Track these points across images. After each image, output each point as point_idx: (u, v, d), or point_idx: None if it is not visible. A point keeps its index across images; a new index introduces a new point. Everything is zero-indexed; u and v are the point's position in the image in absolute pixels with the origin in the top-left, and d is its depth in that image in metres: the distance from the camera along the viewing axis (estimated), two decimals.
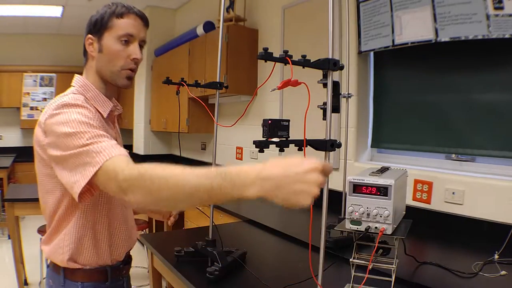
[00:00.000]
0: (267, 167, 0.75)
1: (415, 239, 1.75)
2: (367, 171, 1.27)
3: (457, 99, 2.01)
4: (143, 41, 1.13)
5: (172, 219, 1.39)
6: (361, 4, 2.30)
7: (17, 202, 2.81)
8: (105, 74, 1.11)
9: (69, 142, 0.92)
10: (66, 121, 0.95)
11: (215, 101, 1.57)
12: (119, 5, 1.09)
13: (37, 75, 5.85)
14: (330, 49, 0.94)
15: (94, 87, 1.11)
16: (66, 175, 0.93)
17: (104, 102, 1.12)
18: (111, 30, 1.08)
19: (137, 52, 1.10)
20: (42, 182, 1.08)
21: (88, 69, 1.14)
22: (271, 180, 0.74)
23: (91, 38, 1.10)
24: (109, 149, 0.90)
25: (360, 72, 2.40)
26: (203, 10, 4.27)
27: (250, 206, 2.75)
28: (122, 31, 1.08)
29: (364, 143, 2.48)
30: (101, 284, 1.12)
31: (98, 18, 1.09)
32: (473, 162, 1.97)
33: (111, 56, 1.09)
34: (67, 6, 4.68)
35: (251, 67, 3.33)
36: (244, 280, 1.38)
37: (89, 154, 0.89)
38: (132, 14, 1.09)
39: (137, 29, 1.10)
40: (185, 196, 0.81)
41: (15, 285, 2.97)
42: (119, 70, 1.10)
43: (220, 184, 0.76)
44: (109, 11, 1.08)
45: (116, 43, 1.08)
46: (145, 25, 1.13)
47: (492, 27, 1.70)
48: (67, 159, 0.93)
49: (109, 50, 1.08)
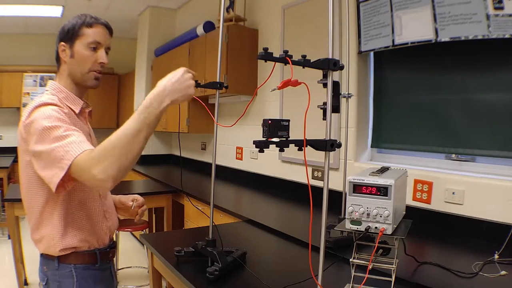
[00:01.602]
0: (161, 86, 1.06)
1: (415, 239, 1.75)
2: (367, 171, 1.27)
3: (457, 99, 2.01)
4: (108, 48, 1.29)
5: (137, 217, 1.48)
6: (361, 4, 2.30)
7: (17, 202, 2.80)
8: (76, 76, 1.26)
9: (49, 135, 1.05)
10: (45, 116, 1.08)
11: (215, 101, 1.57)
12: (88, 16, 1.25)
13: (37, 75, 5.85)
14: (330, 49, 0.94)
15: (66, 89, 1.26)
16: (46, 168, 1.06)
17: (74, 100, 1.27)
18: (82, 38, 1.23)
19: (103, 57, 1.26)
20: (29, 185, 1.18)
21: (61, 73, 1.28)
22: (170, 91, 1.06)
23: (63, 45, 1.25)
24: (80, 143, 1.04)
25: (360, 72, 2.40)
26: (203, 10, 4.27)
27: (250, 206, 2.75)
28: (91, 38, 1.23)
29: (364, 143, 2.48)
30: (91, 266, 1.26)
31: (70, 27, 1.24)
32: (473, 162, 1.97)
33: (81, 61, 1.24)
34: (67, 6, 4.68)
35: (251, 67, 3.33)
36: (244, 280, 1.38)
37: (64, 147, 1.03)
38: (100, 25, 1.26)
39: (104, 37, 1.27)
40: (132, 139, 1.01)
41: (15, 285, 2.97)
42: (88, 72, 1.26)
43: (148, 112, 1.03)
44: (79, 21, 1.24)
45: (86, 49, 1.24)
46: (110, 34, 1.30)
47: (492, 27, 1.70)
48: (48, 152, 1.05)
49: (80, 55, 1.24)
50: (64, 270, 1.21)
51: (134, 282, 3.37)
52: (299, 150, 0.90)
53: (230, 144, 3.71)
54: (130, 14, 5.10)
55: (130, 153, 1.01)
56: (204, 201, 2.73)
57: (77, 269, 1.22)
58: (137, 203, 1.49)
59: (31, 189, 1.18)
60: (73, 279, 1.21)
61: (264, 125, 0.88)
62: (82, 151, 1.02)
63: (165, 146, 5.18)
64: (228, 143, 3.74)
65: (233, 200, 2.99)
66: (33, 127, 1.08)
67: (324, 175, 0.95)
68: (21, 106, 5.76)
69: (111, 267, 1.37)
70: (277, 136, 0.88)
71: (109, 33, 1.30)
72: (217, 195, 2.81)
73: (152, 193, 3.25)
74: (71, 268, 1.21)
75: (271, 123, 0.88)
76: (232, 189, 3.28)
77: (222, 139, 3.73)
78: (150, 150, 5.03)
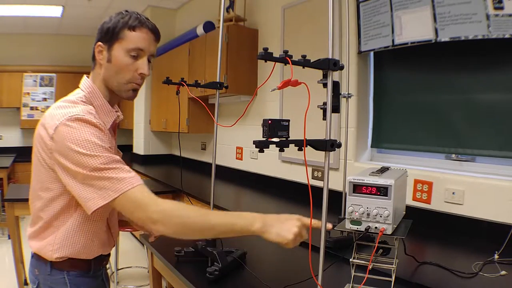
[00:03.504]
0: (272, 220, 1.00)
1: (415, 239, 1.75)
2: (367, 171, 1.27)
3: (457, 99, 2.01)
4: (152, 55, 1.14)
5: (152, 238, 1.38)
6: (361, 4, 2.30)
7: (17, 202, 2.81)
8: (111, 84, 1.13)
9: (83, 161, 0.97)
10: (79, 139, 0.97)
11: (215, 101, 1.57)
12: (132, 17, 1.10)
13: (37, 75, 5.85)
14: (330, 49, 0.94)
15: (101, 95, 1.13)
16: (79, 189, 0.99)
17: (108, 112, 1.14)
18: (122, 42, 1.08)
19: (145, 68, 1.11)
20: (40, 179, 1.09)
21: (96, 75, 1.15)
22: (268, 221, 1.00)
23: (101, 46, 1.11)
24: (130, 179, 0.99)
25: (360, 72, 2.40)
26: (203, 10, 4.27)
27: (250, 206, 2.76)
28: (133, 44, 1.08)
29: (364, 143, 2.48)
30: (84, 273, 1.17)
31: (110, 26, 1.09)
32: (473, 162, 1.97)
33: (119, 68, 1.10)
34: (67, 6, 4.67)
35: (251, 67, 3.33)
36: (244, 280, 1.38)
37: (109, 180, 0.97)
38: (145, 28, 1.10)
39: (148, 43, 1.11)
40: (211, 234, 1.05)
41: (15, 285, 2.97)
42: (125, 83, 1.12)
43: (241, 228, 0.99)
44: (122, 21, 1.09)
45: (125, 55, 1.09)
46: (156, 39, 1.14)
47: (492, 27, 1.70)
48: (79, 175, 0.97)
49: (118, 61, 1.09)
50: (57, 276, 1.13)
51: (134, 282, 3.37)
52: (299, 150, 0.90)
53: (230, 144, 3.71)
54: None
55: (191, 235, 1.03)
56: (204, 201, 2.73)
57: (70, 276, 1.14)
58: None
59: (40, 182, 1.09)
60: (66, 286, 1.13)
61: (264, 125, 0.88)
62: (133, 186, 0.98)
63: (165, 146, 5.17)
64: (228, 143, 3.73)
65: (233, 200, 2.99)
66: (64, 143, 0.98)
67: (324, 175, 0.95)
68: (21, 106, 5.76)
69: (103, 273, 1.29)
70: (277, 136, 0.88)
71: (155, 38, 1.14)
72: (217, 195, 2.80)
73: None
74: (64, 275, 1.13)
75: (271, 123, 0.88)
76: (232, 189, 3.28)
77: (222, 139, 3.73)
78: (150, 150, 5.03)
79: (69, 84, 6.23)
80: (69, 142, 0.97)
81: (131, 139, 5.39)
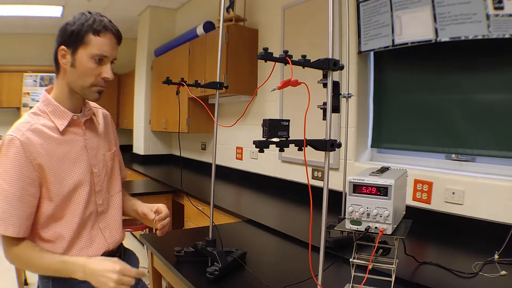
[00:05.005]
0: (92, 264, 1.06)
1: (415, 239, 1.75)
2: (367, 171, 1.27)
3: (457, 99, 2.01)
4: (115, 59, 1.15)
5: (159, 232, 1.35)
6: (361, 4, 2.30)
7: None
8: (75, 88, 1.13)
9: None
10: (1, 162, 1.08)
11: (215, 101, 1.57)
12: (97, 20, 1.08)
13: (37, 75, 5.85)
14: (330, 49, 0.94)
15: (55, 101, 1.14)
16: None
17: (62, 114, 1.14)
18: (87, 47, 1.08)
19: (108, 72, 1.12)
20: None
21: (59, 80, 1.15)
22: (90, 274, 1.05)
23: (64, 50, 1.09)
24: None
25: (360, 72, 2.40)
26: (203, 10, 4.27)
27: (250, 206, 2.76)
28: (98, 50, 1.08)
29: (364, 143, 2.48)
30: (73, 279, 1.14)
31: (74, 29, 1.07)
32: (473, 162, 1.97)
33: (83, 73, 1.10)
34: (67, 6, 4.68)
35: (251, 67, 3.33)
36: (244, 280, 1.38)
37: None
38: (109, 33, 1.10)
39: (112, 48, 1.12)
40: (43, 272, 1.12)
41: (15, 285, 2.97)
42: (89, 86, 1.12)
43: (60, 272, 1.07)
44: (86, 24, 1.07)
45: (90, 61, 1.09)
46: (118, 43, 1.15)
47: (492, 27, 1.70)
48: None
49: (82, 66, 1.09)
50: (43, 280, 1.15)
51: None
52: (299, 150, 0.90)
53: (230, 144, 3.71)
54: (130, 14, 5.09)
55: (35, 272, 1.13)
56: (204, 201, 2.73)
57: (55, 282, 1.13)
58: (159, 217, 1.33)
59: None
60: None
61: (264, 125, 0.88)
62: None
63: (165, 146, 5.17)
64: (228, 143, 3.73)
65: (233, 200, 2.99)
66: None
67: (324, 175, 0.95)
68: (21, 106, 5.76)
69: None
70: (277, 136, 0.88)
71: (118, 42, 1.14)
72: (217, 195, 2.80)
73: (152, 193, 3.25)
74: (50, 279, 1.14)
75: (271, 123, 0.88)
76: (232, 189, 3.28)
77: (222, 139, 3.73)
78: (150, 150, 5.03)
79: None
80: None
81: (131, 139, 5.38)
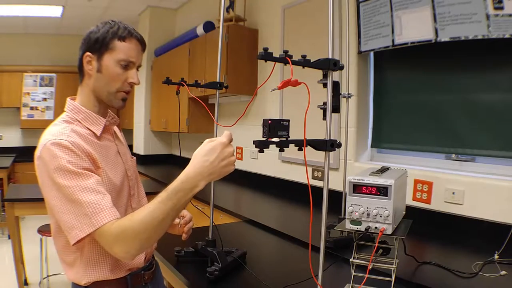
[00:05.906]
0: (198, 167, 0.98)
1: (415, 239, 1.75)
2: (367, 171, 1.27)
3: (457, 99, 2.01)
4: (139, 66, 1.15)
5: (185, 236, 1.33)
6: (361, 4, 2.30)
7: (17, 202, 2.81)
8: (101, 94, 1.11)
9: (61, 190, 0.94)
10: (55, 167, 0.95)
11: (215, 101, 1.57)
12: (121, 27, 1.09)
13: (37, 75, 5.85)
14: (330, 49, 0.94)
15: (85, 108, 1.11)
16: (62, 215, 0.95)
17: (95, 120, 1.12)
18: (112, 52, 1.08)
19: (135, 78, 1.12)
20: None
21: (84, 87, 1.13)
22: (208, 174, 0.98)
23: (89, 56, 1.09)
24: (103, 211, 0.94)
25: (360, 72, 2.40)
26: (203, 10, 4.27)
27: (250, 206, 2.76)
28: (124, 55, 1.08)
29: (364, 143, 2.48)
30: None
31: (99, 36, 1.07)
32: (473, 162, 1.97)
33: (109, 78, 1.09)
34: (67, 6, 4.67)
35: (251, 67, 3.33)
36: (244, 280, 1.38)
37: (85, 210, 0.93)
38: (134, 39, 1.10)
39: (137, 54, 1.12)
40: (157, 225, 0.94)
41: (15, 285, 2.97)
42: (116, 92, 1.11)
43: (178, 199, 0.95)
44: (111, 31, 1.07)
45: (116, 66, 1.08)
46: (143, 50, 1.15)
47: (492, 27, 1.70)
48: (61, 203, 0.95)
49: (109, 72, 1.08)
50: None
51: None
52: (299, 150, 0.90)
53: None
54: (130, 14, 5.09)
55: (154, 236, 0.96)
56: (204, 201, 2.73)
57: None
58: (183, 220, 1.32)
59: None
60: None
61: (264, 125, 0.88)
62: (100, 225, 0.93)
63: (165, 146, 5.17)
64: None
65: (233, 200, 2.99)
66: (42, 168, 0.97)
67: (324, 175, 0.95)
68: (21, 106, 5.77)
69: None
70: (277, 136, 0.88)
71: (143, 49, 1.14)
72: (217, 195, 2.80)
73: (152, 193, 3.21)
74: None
75: (271, 123, 0.88)
76: (232, 189, 3.28)
77: None
78: (150, 150, 5.03)
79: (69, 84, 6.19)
80: (48, 168, 0.96)
81: (131, 139, 5.39)
